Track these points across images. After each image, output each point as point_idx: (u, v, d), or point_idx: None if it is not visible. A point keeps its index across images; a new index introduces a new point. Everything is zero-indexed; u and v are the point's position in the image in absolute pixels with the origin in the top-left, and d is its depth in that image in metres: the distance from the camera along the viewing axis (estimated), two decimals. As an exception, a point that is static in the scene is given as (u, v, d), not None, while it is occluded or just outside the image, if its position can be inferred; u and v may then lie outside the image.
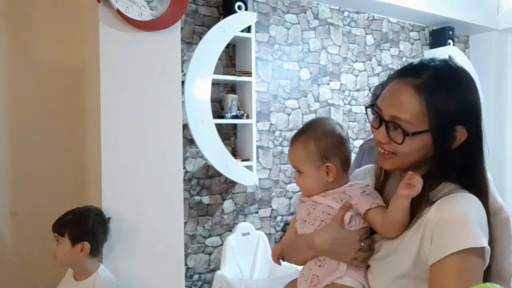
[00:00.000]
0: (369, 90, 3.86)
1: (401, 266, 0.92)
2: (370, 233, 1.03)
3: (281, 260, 1.17)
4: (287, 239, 1.16)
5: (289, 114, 3.53)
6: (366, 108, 1.04)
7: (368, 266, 1.01)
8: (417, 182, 0.91)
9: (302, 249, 1.06)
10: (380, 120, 0.98)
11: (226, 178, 3.13)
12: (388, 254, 0.96)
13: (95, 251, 1.75)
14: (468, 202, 0.91)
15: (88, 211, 1.81)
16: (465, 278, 0.84)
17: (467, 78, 0.98)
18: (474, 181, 0.97)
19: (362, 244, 0.99)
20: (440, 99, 0.92)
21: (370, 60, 4.02)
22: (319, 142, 1.05)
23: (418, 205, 0.94)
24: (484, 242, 0.86)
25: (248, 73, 3.09)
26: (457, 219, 0.88)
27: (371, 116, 1.05)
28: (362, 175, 1.18)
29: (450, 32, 4.24)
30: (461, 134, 0.94)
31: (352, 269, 1.00)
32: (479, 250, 0.86)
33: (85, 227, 1.74)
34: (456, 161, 0.96)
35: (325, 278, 1.00)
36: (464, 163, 0.97)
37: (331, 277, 1.00)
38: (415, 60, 1.02)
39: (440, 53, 4.18)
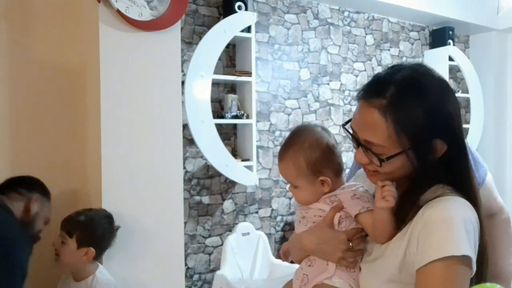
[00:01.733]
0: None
1: (387, 269, 0.91)
2: (366, 234, 1.03)
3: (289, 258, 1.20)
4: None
5: (289, 114, 3.53)
6: (343, 126, 1.02)
7: (360, 269, 1.01)
8: (390, 195, 0.90)
9: (295, 249, 1.09)
10: (357, 142, 0.96)
11: (226, 178, 3.13)
12: (377, 257, 0.96)
13: (98, 256, 1.75)
14: (454, 206, 0.89)
15: (100, 216, 1.79)
16: (448, 285, 0.83)
17: (435, 86, 0.92)
18: (462, 187, 0.95)
19: (351, 244, 0.99)
20: (407, 118, 0.88)
21: (370, 60, 4.02)
22: (308, 157, 1.03)
23: (407, 209, 0.93)
24: (466, 250, 0.83)
25: (248, 73, 3.09)
26: (441, 224, 0.86)
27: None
28: (364, 177, 1.17)
29: (450, 32, 4.24)
30: (440, 146, 0.92)
31: (342, 270, 1.00)
32: (462, 257, 0.83)
33: (95, 233, 1.72)
34: (441, 169, 0.94)
35: (314, 278, 1.01)
36: (450, 169, 0.95)
37: (320, 277, 1.01)
38: (383, 71, 0.97)
39: (440, 53, 4.19)
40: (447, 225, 0.85)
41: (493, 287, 0.54)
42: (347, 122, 1.00)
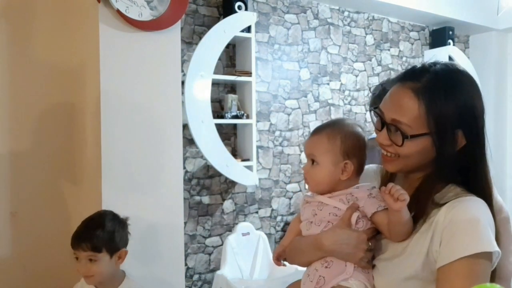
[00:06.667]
0: (369, 90, 3.86)
1: (409, 268, 0.93)
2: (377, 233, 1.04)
3: (283, 262, 1.17)
4: (287, 240, 1.15)
5: (289, 114, 3.53)
6: (370, 110, 1.06)
7: (373, 266, 1.02)
8: (402, 194, 0.91)
9: (307, 250, 1.06)
10: (382, 123, 1.00)
11: (226, 178, 3.13)
12: (395, 255, 0.97)
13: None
14: (477, 206, 0.93)
15: (111, 217, 1.69)
16: (473, 280, 0.85)
17: (467, 82, 0.98)
18: (478, 184, 0.98)
19: (370, 244, 1.00)
20: (439, 103, 0.93)
21: (370, 60, 4.02)
22: (345, 139, 1.06)
23: (425, 207, 0.95)
24: (496, 246, 0.88)
25: (248, 73, 3.09)
26: (468, 223, 0.89)
27: (374, 118, 1.07)
28: (370, 178, 1.17)
29: (450, 32, 4.23)
30: (460, 139, 0.95)
31: (359, 271, 1.00)
32: (489, 253, 0.87)
33: (119, 235, 1.65)
34: (458, 163, 0.97)
35: (331, 280, 1.00)
36: (467, 166, 0.98)
37: (337, 278, 1.00)
38: (418, 63, 1.03)
39: (440, 53, 4.18)
40: (475, 224, 0.88)
41: (493, 287, 0.54)
42: (375, 107, 1.04)
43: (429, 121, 0.93)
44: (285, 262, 1.18)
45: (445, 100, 0.93)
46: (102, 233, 1.60)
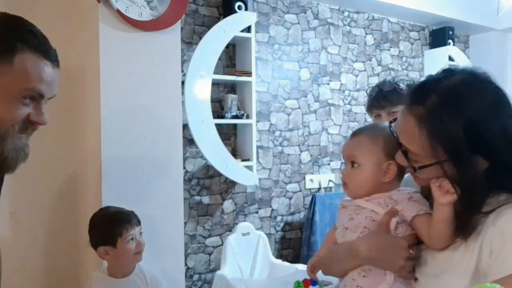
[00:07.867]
0: (366, 92, 3.85)
1: (456, 284, 0.85)
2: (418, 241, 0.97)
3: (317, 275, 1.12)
4: (323, 251, 1.11)
5: (289, 114, 3.53)
6: (390, 123, 1.00)
7: (415, 279, 0.95)
8: (452, 188, 0.85)
9: (342, 258, 1.00)
10: (399, 144, 0.95)
11: (226, 178, 3.13)
12: (440, 271, 0.90)
13: None
14: None
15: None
16: None
17: (481, 100, 0.87)
18: None
19: (411, 251, 0.93)
20: (443, 131, 0.84)
21: (370, 60, 4.02)
22: (388, 138, 1.00)
23: (469, 215, 0.87)
24: None
25: (248, 73, 3.09)
26: None
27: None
28: (410, 183, 1.10)
29: (450, 32, 4.23)
30: (482, 163, 0.86)
31: (400, 282, 0.93)
32: None
33: None
34: (490, 181, 0.87)
35: None
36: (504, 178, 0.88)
37: None
38: (435, 74, 0.94)
39: (440, 53, 4.18)
40: None
41: (493, 287, 0.54)
42: (391, 122, 0.99)
43: (437, 151, 0.85)
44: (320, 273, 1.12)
45: (449, 127, 0.84)
46: (131, 212, 1.75)
